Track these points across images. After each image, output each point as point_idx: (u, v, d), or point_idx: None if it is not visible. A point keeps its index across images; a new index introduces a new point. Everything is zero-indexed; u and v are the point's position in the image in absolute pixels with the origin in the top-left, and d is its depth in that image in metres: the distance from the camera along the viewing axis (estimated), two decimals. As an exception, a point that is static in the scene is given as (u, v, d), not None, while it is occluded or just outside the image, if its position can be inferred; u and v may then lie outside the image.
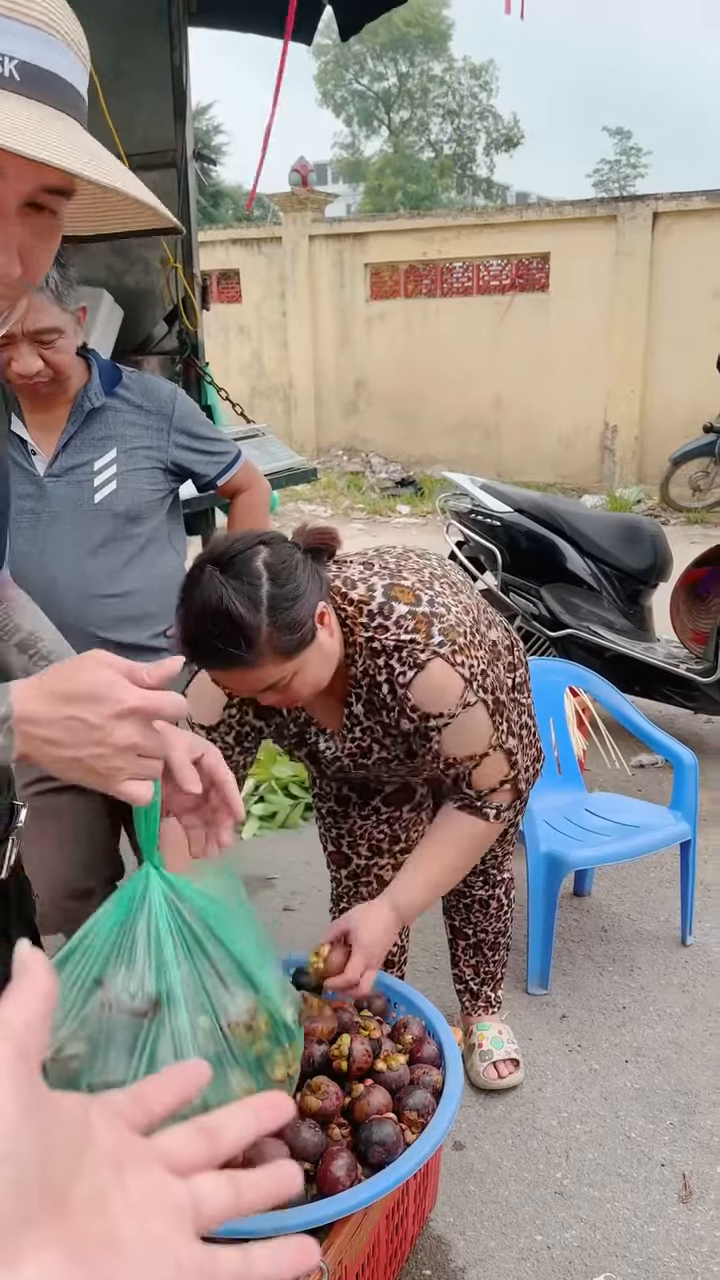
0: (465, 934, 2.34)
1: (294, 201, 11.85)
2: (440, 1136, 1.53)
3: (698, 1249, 1.88)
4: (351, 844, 2.16)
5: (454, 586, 1.77)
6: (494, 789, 1.76)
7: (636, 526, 4.38)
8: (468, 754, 1.71)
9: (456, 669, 1.63)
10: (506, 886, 2.32)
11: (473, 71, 35.40)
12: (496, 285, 11.21)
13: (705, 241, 9.93)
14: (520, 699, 2.10)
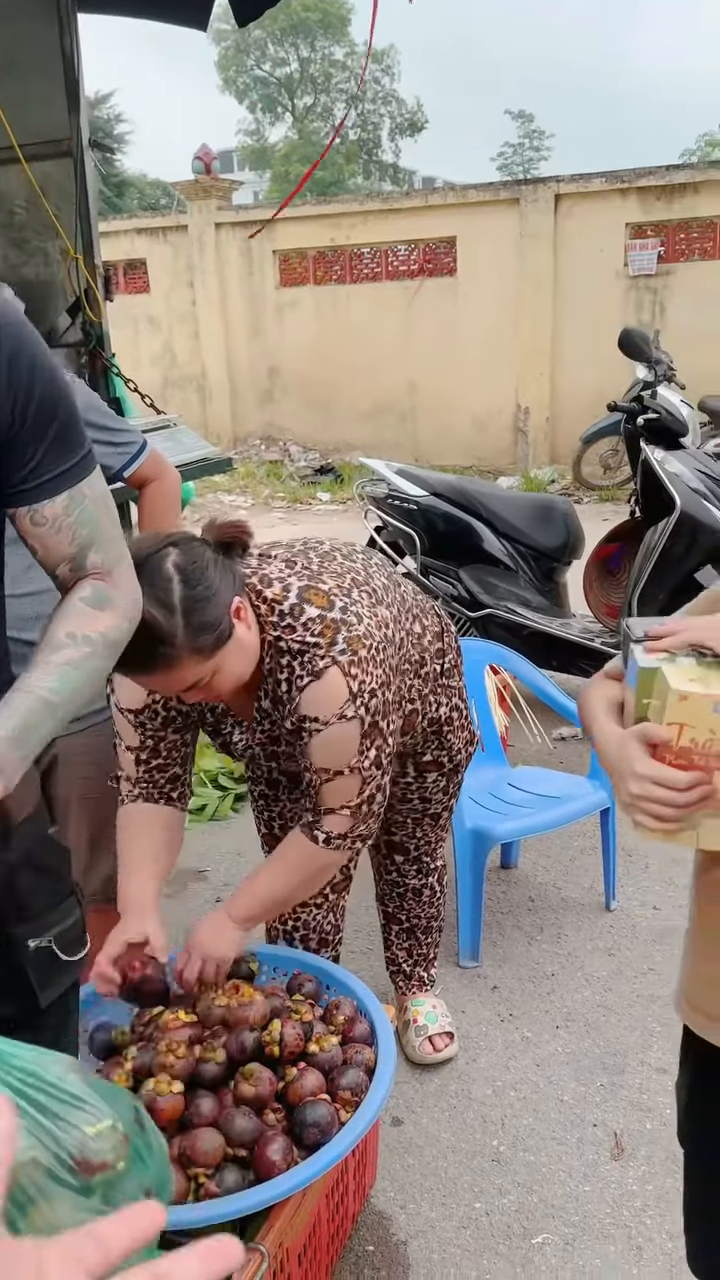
0: (399, 920, 2.37)
1: (198, 189, 11.72)
2: (374, 1114, 1.55)
3: (630, 1204, 1.93)
4: (283, 826, 2.16)
5: (374, 594, 1.76)
6: (333, 809, 1.71)
7: (549, 506, 4.45)
8: (324, 765, 1.67)
9: (348, 679, 1.62)
10: (440, 874, 2.35)
11: (374, 57, 35.31)
12: (405, 270, 11.25)
13: (606, 223, 10.11)
14: (450, 683, 2.12)
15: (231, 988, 1.75)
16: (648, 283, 10.06)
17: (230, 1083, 1.60)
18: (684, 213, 9.86)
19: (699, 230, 9.93)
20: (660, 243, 9.96)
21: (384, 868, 2.34)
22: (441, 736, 2.12)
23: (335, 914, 2.16)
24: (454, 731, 2.14)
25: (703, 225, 9.89)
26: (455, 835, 2.66)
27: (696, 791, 1.02)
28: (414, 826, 2.25)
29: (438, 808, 2.24)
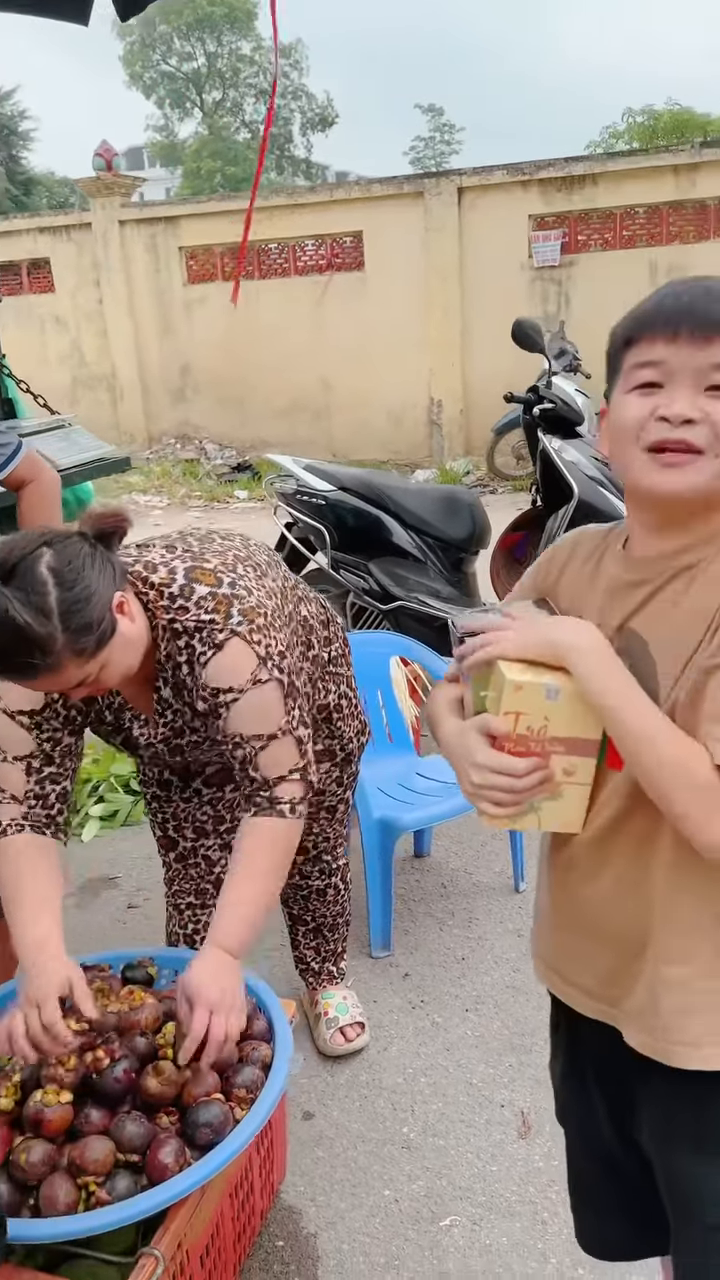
0: (305, 921, 2.36)
1: (100, 186, 11.53)
2: (268, 1110, 1.55)
3: (536, 1180, 1.97)
4: (177, 827, 2.15)
5: (258, 569, 1.78)
6: (283, 777, 1.69)
7: (455, 497, 4.49)
8: (255, 732, 1.66)
9: (253, 646, 1.63)
10: (343, 872, 2.35)
11: (282, 51, 35.18)
12: (313, 265, 11.23)
13: (508, 215, 10.22)
14: (338, 670, 2.13)
15: (126, 993, 1.74)
16: (552, 274, 10.20)
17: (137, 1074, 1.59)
18: (585, 204, 10.02)
19: (599, 221, 10.10)
20: (563, 234, 10.11)
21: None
22: (331, 724, 2.13)
23: None
24: (344, 719, 2.15)
25: (603, 216, 10.06)
26: (362, 826, 2.68)
27: (534, 776, 1.06)
28: (309, 821, 2.23)
29: (333, 800, 2.24)
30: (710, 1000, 1.09)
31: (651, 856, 1.08)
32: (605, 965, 1.16)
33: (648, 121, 22.89)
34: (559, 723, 1.05)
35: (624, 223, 10.04)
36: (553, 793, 1.08)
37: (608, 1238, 1.41)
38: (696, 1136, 1.14)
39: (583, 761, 1.08)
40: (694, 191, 9.70)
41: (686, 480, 1.00)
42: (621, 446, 1.04)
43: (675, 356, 0.99)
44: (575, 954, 1.21)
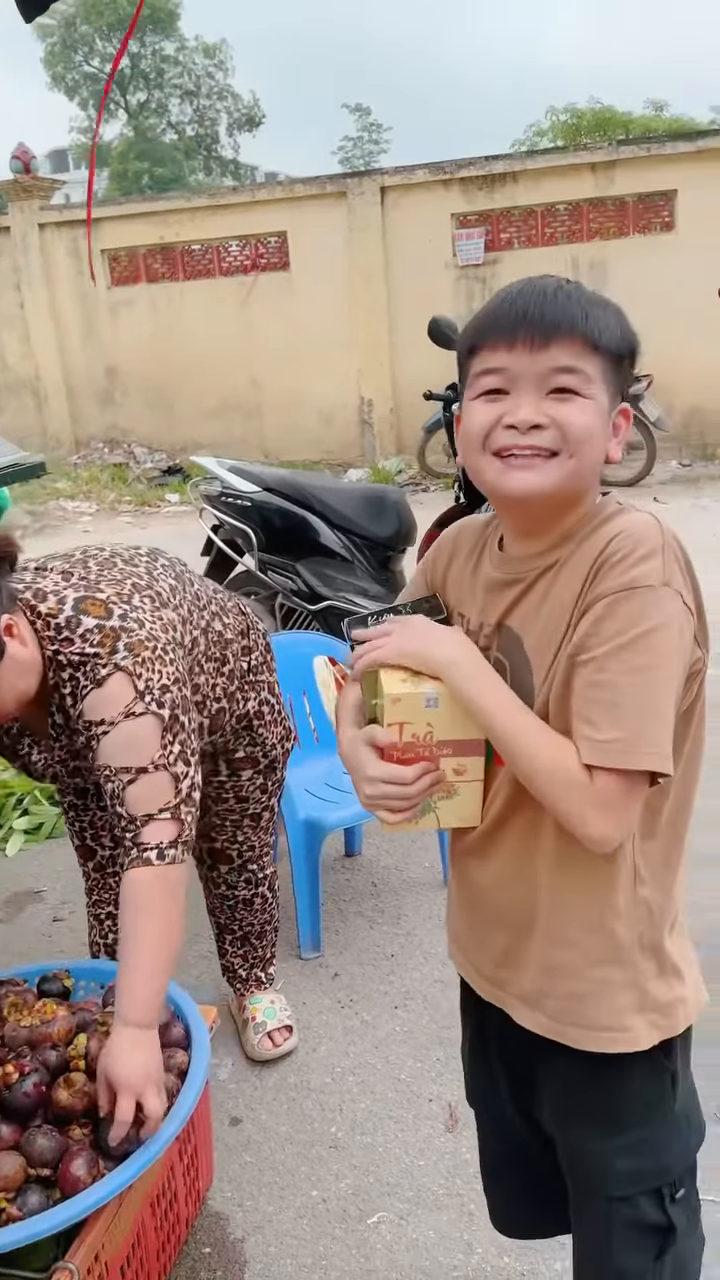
0: (232, 929, 2.35)
1: (19, 190, 11.36)
2: (183, 1117, 1.54)
3: (463, 1173, 1.98)
4: (94, 836, 2.13)
5: (157, 598, 1.73)
6: (151, 816, 1.58)
7: (380, 496, 4.50)
8: (123, 765, 1.58)
9: (133, 680, 1.59)
10: (270, 880, 2.33)
11: (206, 51, 35.02)
12: (238, 266, 11.18)
13: (431, 214, 10.29)
14: (258, 679, 2.12)
15: (40, 1007, 1.71)
16: (476, 272, 10.28)
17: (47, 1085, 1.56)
18: (506, 202, 10.13)
19: (521, 219, 10.21)
20: (485, 232, 10.20)
21: (211, 880, 2.30)
22: (253, 731, 2.12)
23: None
24: (265, 726, 2.14)
25: (525, 213, 10.17)
26: (288, 828, 2.67)
27: (424, 781, 1.09)
28: (234, 829, 2.23)
29: (257, 808, 2.23)
30: (600, 988, 1.12)
31: (537, 845, 1.11)
32: (499, 945, 1.20)
33: (571, 120, 23.22)
34: (443, 727, 1.08)
35: (545, 220, 10.17)
36: (447, 792, 1.12)
37: (516, 1217, 1.46)
38: (595, 1115, 1.17)
39: (472, 760, 1.11)
40: (612, 189, 9.86)
41: (538, 480, 1.02)
42: (472, 454, 1.06)
43: (516, 363, 1.01)
44: (474, 934, 1.25)
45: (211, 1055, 2.28)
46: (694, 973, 1.19)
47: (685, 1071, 1.19)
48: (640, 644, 0.98)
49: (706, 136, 9.99)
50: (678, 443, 9.86)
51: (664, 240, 9.87)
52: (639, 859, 1.10)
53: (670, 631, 0.99)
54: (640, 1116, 1.16)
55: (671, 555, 1.00)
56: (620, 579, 0.99)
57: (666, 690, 0.99)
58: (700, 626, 1.04)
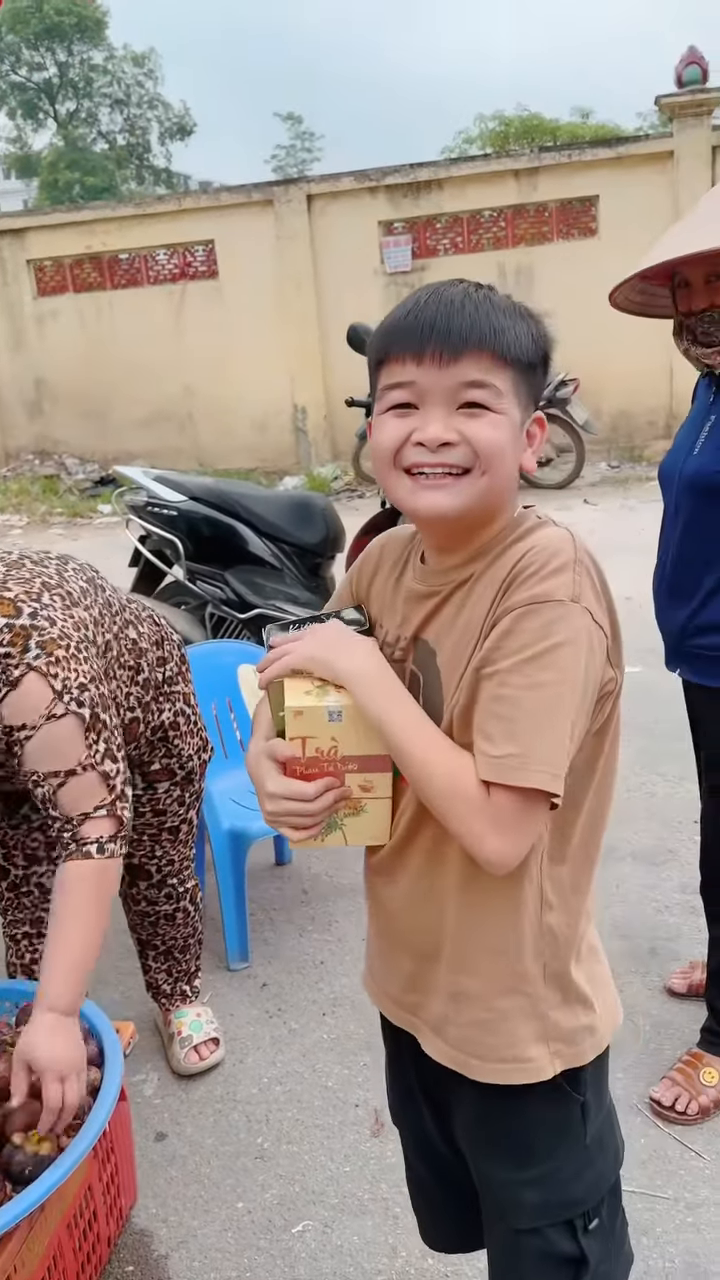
0: (155, 945, 2.32)
1: (-59, 198, 11.17)
2: (94, 1136, 1.52)
3: (389, 1177, 1.98)
4: (6, 855, 2.09)
5: (68, 597, 1.72)
6: (87, 815, 1.61)
7: (307, 503, 4.50)
8: (51, 769, 1.59)
9: (49, 680, 1.58)
10: (192, 894, 2.31)
11: (135, 60, 34.82)
12: (166, 275, 11.12)
13: (359, 221, 10.35)
14: (173, 690, 2.10)
15: (-52, 1030, 1.68)
16: (405, 279, 10.35)
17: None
18: (432, 209, 10.22)
19: (447, 225, 10.31)
20: (412, 239, 10.27)
21: (130, 897, 2.26)
22: (169, 743, 2.11)
23: None
24: (181, 737, 2.13)
25: (451, 220, 10.27)
26: (213, 838, 2.66)
27: (327, 798, 1.05)
28: (151, 844, 2.20)
29: (175, 820, 2.21)
30: (502, 1017, 1.09)
31: (443, 866, 1.08)
32: (407, 970, 1.17)
33: (499, 127, 23.50)
34: (347, 742, 1.05)
35: (471, 227, 10.28)
36: (354, 809, 1.08)
37: (441, 1233, 1.44)
38: (501, 1147, 1.15)
39: (379, 776, 1.08)
40: (536, 195, 10.00)
41: (449, 501, 0.99)
42: (383, 469, 1.03)
43: (424, 377, 0.96)
44: (384, 959, 1.22)
45: (137, 1071, 2.29)
46: (607, 996, 1.16)
47: (599, 1099, 1.16)
48: (544, 659, 0.94)
49: (626, 143, 10.19)
50: (606, 445, 10.03)
51: (587, 245, 10.02)
52: (547, 884, 1.06)
53: (576, 648, 0.95)
54: (547, 1148, 1.13)
55: (584, 571, 0.97)
56: (528, 593, 0.96)
57: (568, 708, 0.95)
58: (614, 646, 1.01)
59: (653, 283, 1.92)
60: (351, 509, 8.09)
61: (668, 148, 9.83)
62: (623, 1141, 1.23)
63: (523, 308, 1.02)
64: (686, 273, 1.79)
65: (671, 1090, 2.05)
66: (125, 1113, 1.91)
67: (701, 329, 1.81)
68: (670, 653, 2.00)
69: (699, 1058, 2.10)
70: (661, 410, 10.15)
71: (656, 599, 2.02)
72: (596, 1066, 1.14)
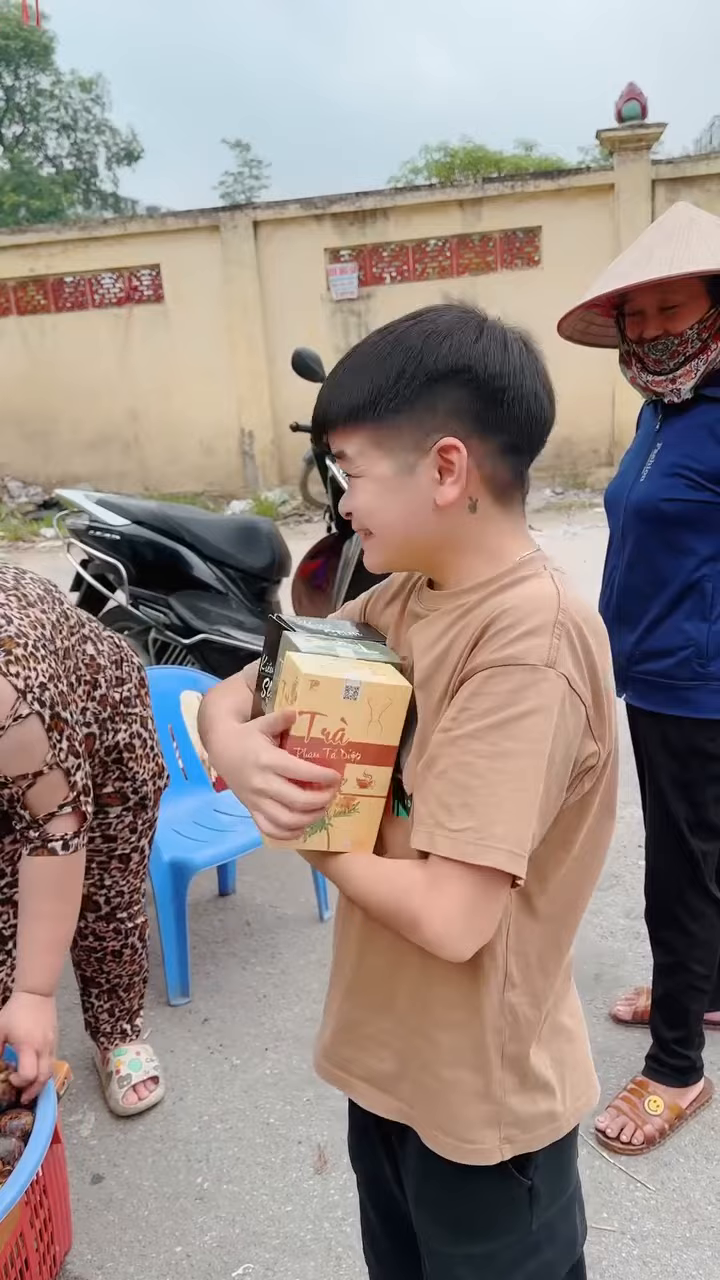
0: (99, 983, 2.26)
1: None
2: (24, 1182, 1.47)
3: (331, 1215, 1.94)
4: None
5: (24, 599, 1.70)
6: (53, 814, 1.68)
7: (252, 527, 4.48)
8: (20, 772, 1.62)
9: (9, 679, 1.55)
10: (140, 930, 2.26)
11: (83, 85, 34.79)
12: (112, 298, 11.08)
13: (305, 247, 10.42)
14: (130, 711, 2.05)
15: None
16: (351, 306, 10.44)
17: None
18: (378, 237, 10.33)
19: (393, 254, 10.42)
20: (358, 267, 10.36)
21: (78, 932, 2.19)
22: (123, 765, 2.05)
23: (5, 969, 2.03)
24: (136, 760, 2.07)
25: (397, 249, 10.38)
26: (153, 870, 2.60)
27: (323, 794, 0.95)
28: (100, 872, 2.14)
29: (126, 848, 2.15)
30: (451, 1091, 1.03)
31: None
32: (351, 1017, 1.11)
33: (444, 158, 23.87)
34: (356, 725, 0.95)
35: (417, 256, 10.40)
36: (345, 806, 0.97)
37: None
38: (440, 1216, 1.10)
39: (379, 771, 0.98)
40: (479, 225, 10.15)
41: (373, 560, 1.03)
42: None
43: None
44: (333, 1002, 1.16)
45: (73, 1112, 2.22)
46: (576, 1080, 1.08)
47: (553, 1185, 1.08)
48: (511, 727, 0.88)
49: (568, 175, 10.40)
50: (550, 471, 10.15)
51: (531, 275, 10.19)
52: (512, 960, 0.99)
53: (547, 717, 0.88)
54: (485, 1228, 1.07)
55: (564, 636, 0.90)
56: (499, 653, 0.89)
57: (532, 783, 0.88)
58: (596, 717, 0.94)
59: (598, 312, 1.94)
60: (299, 533, 8.09)
61: (609, 181, 10.05)
62: (584, 1230, 1.16)
63: (410, 331, 0.96)
64: (640, 301, 1.81)
65: (617, 1120, 2.04)
66: (60, 1155, 1.85)
67: (654, 357, 1.83)
68: (615, 678, 2.01)
69: (644, 1085, 2.09)
70: (604, 438, 10.32)
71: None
72: (555, 1152, 1.06)
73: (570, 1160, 1.11)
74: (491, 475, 0.97)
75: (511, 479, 1.00)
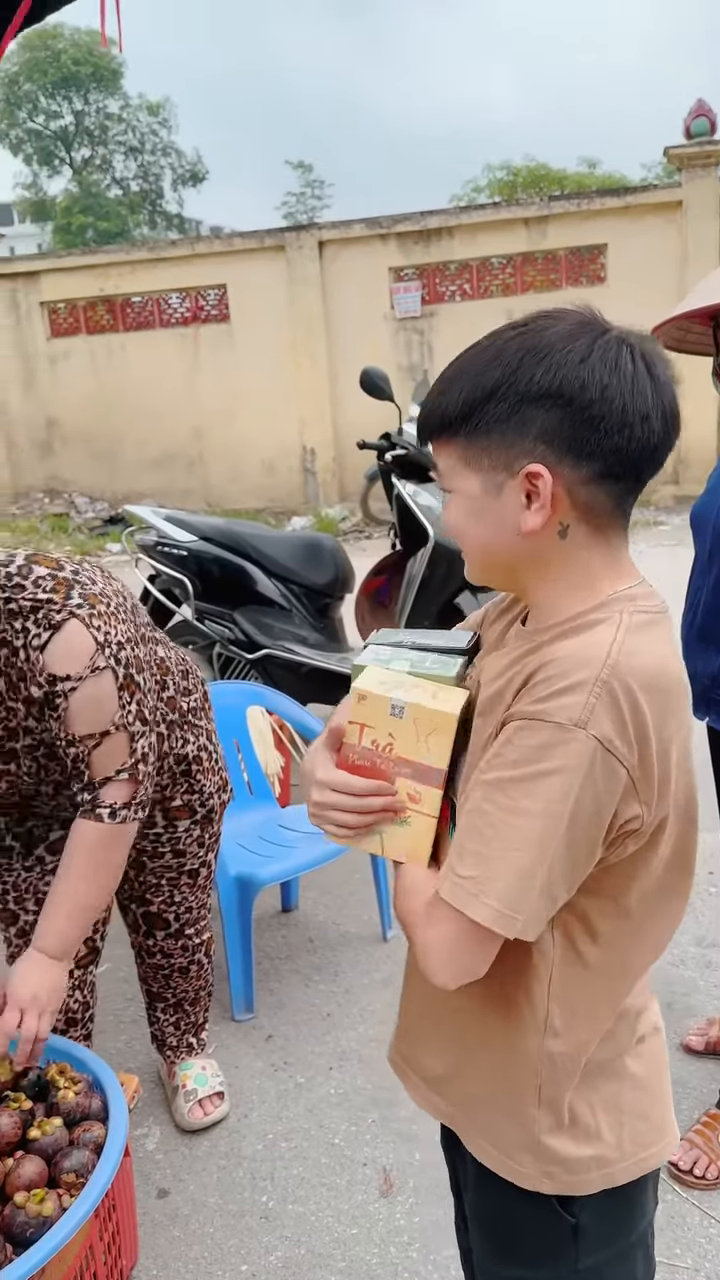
0: (164, 998, 2.27)
1: (-42, 241, 11.36)
2: (98, 1195, 1.47)
3: (397, 1239, 1.92)
4: (18, 899, 2.01)
5: (105, 574, 1.75)
6: (109, 778, 1.67)
7: (317, 544, 4.50)
8: (88, 731, 1.62)
9: (91, 630, 1.59)
10: (207, 947, 2.27)
11: (150, 109, 35.55)
12: (179, 318, 11.25)
13: (369, 266, 10.48)
14: (197, 722, 2.07)
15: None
16: (414, 324, 10.47)
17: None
18: (442, 256, 10.35)
19: (457, 272, 10.43)
20: (421, 285, 10.40)
21: (145, 949, 2.22)
22: (191, 777, 2.06)
23: (84, 990, 2.04)
24: (204, 773, 2.09)
25: (460, 267, 10.40)
26: (219, 885, 2.61)
27: (375, 801, 0.98)
28: (170, 889, 2.16)
29: (194, 863, 2.17)
30: (495, 1107, 1.03)
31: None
32: (413, 1011, 1.13)
33: (507, 177, 23.89)
34: (403, 742, 0.98)
35: (480, 274, 10.40)
36: (399, 817, 1.00)
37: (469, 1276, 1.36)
38: (486, 1229, 1.09)
39: (428, 790, 0.99)
40: (545, 243, 10.13)
41: (468, 574, 1.02)
42: None
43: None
44: (403, 1000, 1.17)
45: (139, 1125, 2.23)
46: (638, 1128, 1.02)
47: (607, 1232, 1.02)
48: (530, 784, 0.86)
49: (635, 192, 10.33)
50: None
51: (596, 292, 10.12)
52: (554, 1008, 0.97)
53: (567, 779, 0.85)
54: (528, 1258, 1.04)
55: (605, 695, 0.85)
56: (534, 705, 0.87)
57: (544, 844, 0.86)
58: (645, 781, 0.88)
59: (695, 321, 1.91)
60: (359, 549, 8.10)
61: (676, 198, 9.96)
62: (648, 1276, 1.09)
63: (510, 345, 0.91)
64: None
65: (690, 1153, 1.99)
66: (128, 1169, 1.86)
67: None
68: (697, 699, 1.97)
69: (717, 1119, 2.04)
70: (670, 455, 10.19)
71: (685, 644, 1.99)
72: (611, 1199, 1.01)
73: (633, 1208, 1.04)
74: (586, 503, 0.92)
75: (611, 508, 0.94)
